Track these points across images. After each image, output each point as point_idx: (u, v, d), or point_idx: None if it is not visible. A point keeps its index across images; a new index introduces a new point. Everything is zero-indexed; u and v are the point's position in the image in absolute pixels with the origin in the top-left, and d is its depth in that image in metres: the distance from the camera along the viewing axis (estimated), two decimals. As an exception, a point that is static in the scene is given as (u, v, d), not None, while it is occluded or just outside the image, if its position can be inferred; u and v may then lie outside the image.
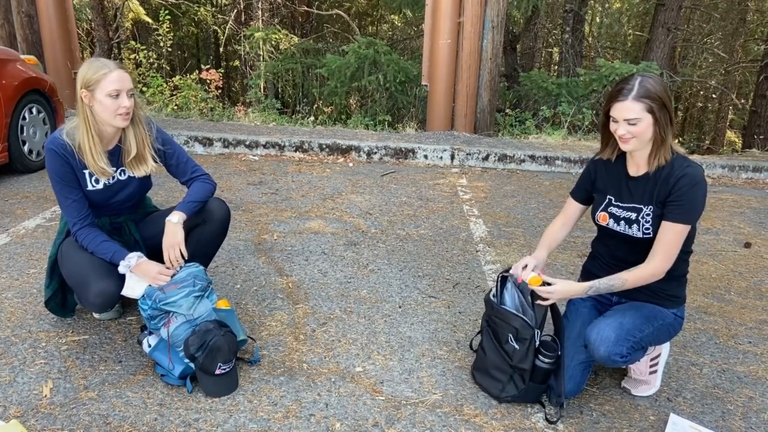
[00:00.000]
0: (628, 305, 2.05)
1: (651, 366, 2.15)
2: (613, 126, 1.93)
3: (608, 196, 2.09)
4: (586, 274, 2.26)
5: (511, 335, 2.03)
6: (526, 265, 2.05)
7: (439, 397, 2.10)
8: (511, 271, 2.11)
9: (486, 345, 2.14)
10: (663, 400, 2.15)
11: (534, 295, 2.05)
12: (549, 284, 1.98)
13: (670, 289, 2.05)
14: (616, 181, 2.08)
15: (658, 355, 2.17)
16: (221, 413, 1.96)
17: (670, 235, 1.91)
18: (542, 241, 2.25)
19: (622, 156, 2.07)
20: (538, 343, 2.00)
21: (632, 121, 1.86)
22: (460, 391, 2.14)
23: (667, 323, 2.03)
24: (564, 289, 1.97)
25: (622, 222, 2.03)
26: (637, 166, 2.01)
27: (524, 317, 2.01)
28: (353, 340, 2.44)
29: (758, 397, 2.20)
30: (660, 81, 1.88)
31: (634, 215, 2.00)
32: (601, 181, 2.13)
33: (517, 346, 2.01)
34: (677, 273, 2.03)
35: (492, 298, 2.13)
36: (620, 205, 2.05)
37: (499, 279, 2.15)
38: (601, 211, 2.10)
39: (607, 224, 2.08)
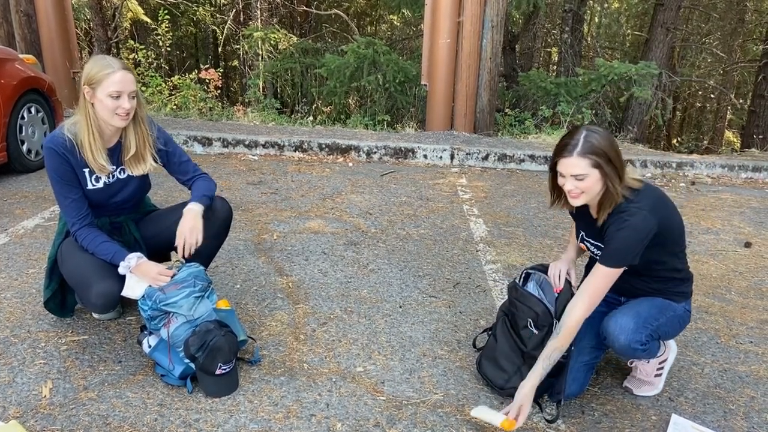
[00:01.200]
0: (640, 299, 2.07)
1: (658, 368, 2.16)
2: (561, 180, 1.93)
3: (581, 231, 2.14)
4: (588, 272, 2.27)
5: (530, 320, 2.05)
6: (560, 271, 2.13)
7: (440, 397, 2.10)
8: (548, 277, 2.15)
9: (499, 333, 2.17)
10: (665, 400, 2.14)
11: (560, 302, 2.07)
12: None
13: (677, 286, 2.06)
14: (583, 218, 2.11)
15: (666, 360, 2.18)
16: (222, 413, 1.95)
17: (597, 278, 1.90)
18: (570, 240, 2.31)
19: None
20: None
21: (579, 177, 1.85)
22: (461, 390, 2.14)
23: (678, 314, 2.05)
24: (523, 397, 1.86)
25: (595, 256, 2.07)
26: (594, 212, 2.03)
27: (547, 304, 2.04)
28: (354, 340, 2.43)
29: (760, 396, 2.19)
30: (606, 135, 1.86)
31: (599, 253, 2.02)
32: (575, 213, 2.16)
33: (535, 331, 2.03)
34: (680, 274, 2.05)
35: (517, 281, 2.17)
36: (590, 241, 2.08)
37: (523, 275, 2.18)
38: (580, 241, 2.16)
39: (585, 252, 2.15)
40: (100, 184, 2.23)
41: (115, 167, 2.26)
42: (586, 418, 2.03)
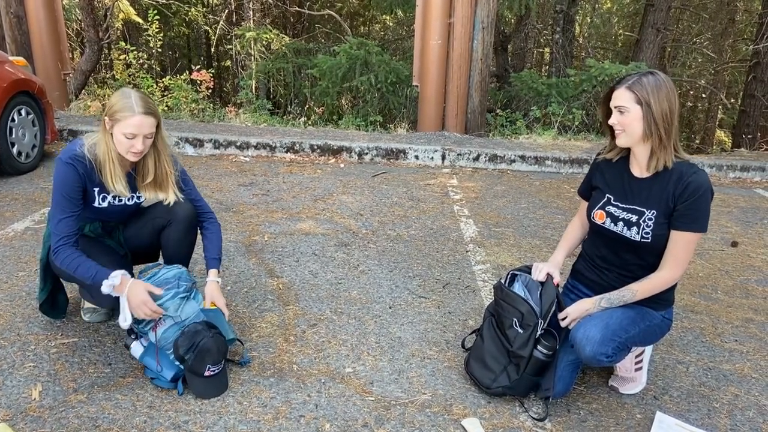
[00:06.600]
0: (614, 308, 2.06)
1: (636, 363, 2.17)
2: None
3: (607, 195, 2.07)
4: (574, 273, 2.29)
5: (516, 319, 2.07)
6: (547, 273, 2.12)
7: (428, 397, 2.12)
8: (532, 276, 2.16)
9: (486, 333, 2.19)
10: (649, 398, 2.17)
11: (544, 300, 2.09)
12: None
13: (660, 292, 2.05)
14: (617, 181, 2.06)
15: (642, 352, 2.19)
16: (211, 415, 1.96)
17: (680, 244, 1.91)
18: (561, 242, 2.29)
19: (626, 156, 2.07)
20: (539, 333, 2.03)
21: (621, 109, 1.90)
22: (449, 390, 2.16)
23: (654, 324, 2.04)
24: (576, 308, 2.02)
25: (621, 223, 2.01)
26: (640, 168, 2.00)
27: (532, 303, 2.06)
28: (343, 341, 2.45)
29: (744, 394, 2.22)
30: (661, 80, 1.87)
31: (635, 218, 1.98)
32: (601, 179, 2.13)
33: (521, 331, 2.05)
34: None
35: (502, 281, 2.19)
36: (620, 205, 2.03)
37: (509, 276, 2.19)
38: (598, 209, 2.08)
39: (603, 223, 2.06)
40: (105, 204, 2.25)
41: (132, 193, 2.29)
42: (571, 416, 2.05)
